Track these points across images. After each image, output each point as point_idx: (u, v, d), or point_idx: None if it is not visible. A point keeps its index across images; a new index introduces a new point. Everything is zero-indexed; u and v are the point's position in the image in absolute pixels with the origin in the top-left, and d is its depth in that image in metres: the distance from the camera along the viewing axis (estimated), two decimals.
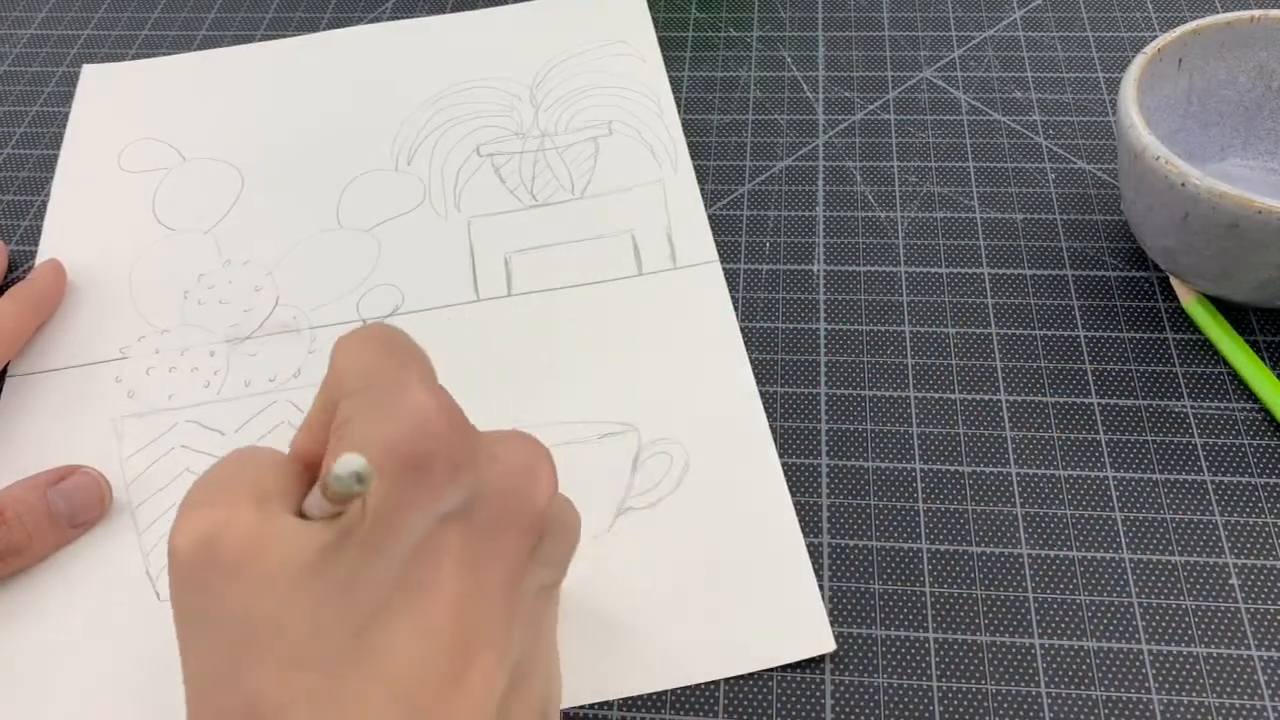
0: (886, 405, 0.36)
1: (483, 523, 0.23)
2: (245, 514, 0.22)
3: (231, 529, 0.22)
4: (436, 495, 0.22)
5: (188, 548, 0.22)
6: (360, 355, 0.25)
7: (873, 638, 0.31)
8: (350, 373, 0.24)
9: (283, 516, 0.22)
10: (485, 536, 0.23)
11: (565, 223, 0.42)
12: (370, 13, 0.53)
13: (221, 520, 0.22)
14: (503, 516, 0.24)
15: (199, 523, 0.22)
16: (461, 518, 0.23)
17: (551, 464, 0.25)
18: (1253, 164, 0.39)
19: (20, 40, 0.53)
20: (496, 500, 0.24)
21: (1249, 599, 0.31)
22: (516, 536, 0.24)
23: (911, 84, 0.47)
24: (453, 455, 0.23)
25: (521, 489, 0.24)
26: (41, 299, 0.40)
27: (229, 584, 0.21)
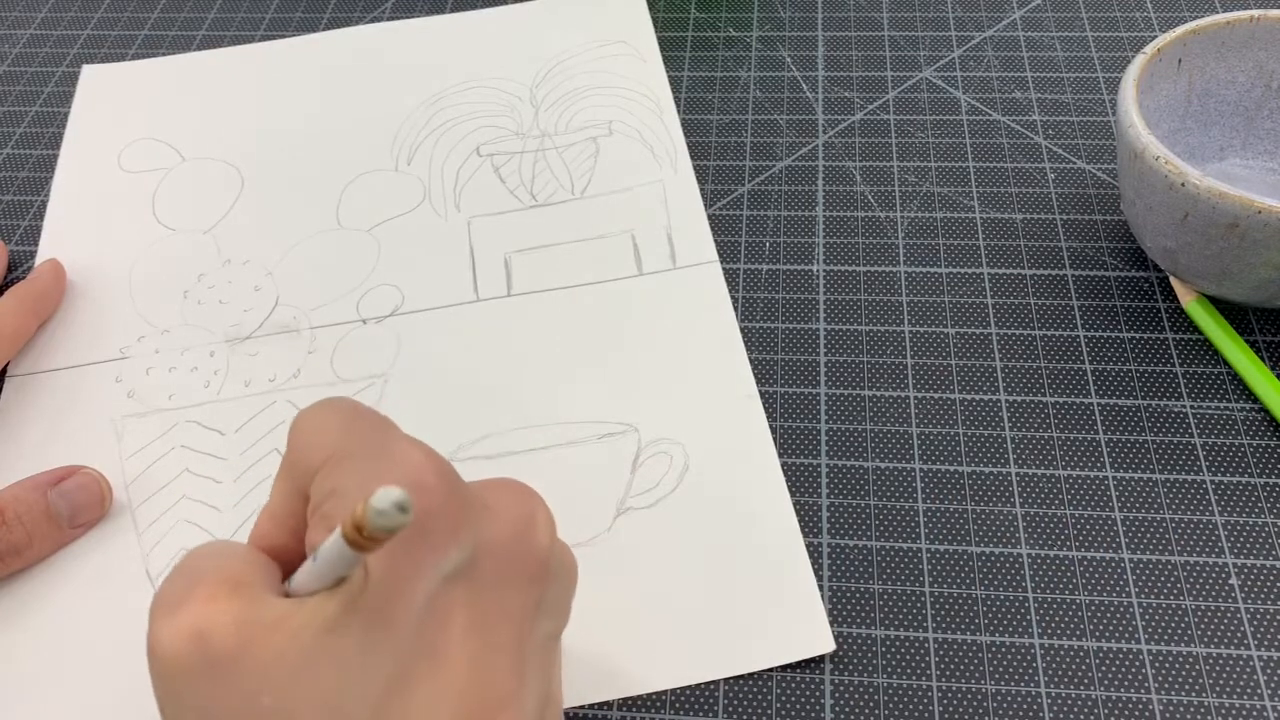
0: (886, 405, 0.36)
1: (487, 578, 0.22)
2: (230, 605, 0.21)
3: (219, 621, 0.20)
4: (439, 556, 0.21)
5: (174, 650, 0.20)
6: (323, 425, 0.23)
7: (872, 638, 0.31)
8: (315, 446, 0.23)
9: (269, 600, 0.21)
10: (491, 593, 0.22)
11: (565, 223, 0.42)
12: (370, 13, 0.53)
13: (204, 615, 0.20)
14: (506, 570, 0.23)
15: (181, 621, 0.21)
16: (465, 576, 0.22)
17: (547, 508, 0.24)
18: (1253, 164, 0.39)
19: (20, 40, 0.53)
20: (498, 553, 0.23)
21: (1249, 599, 0.31)
22: (522, 589, 0.23)
23: (911, 84, 0.47)
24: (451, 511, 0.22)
25: (522, 538, 0.23)
26: (41, 299, 0.40)
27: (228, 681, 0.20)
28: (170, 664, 0.21)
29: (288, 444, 0.24)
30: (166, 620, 0.21)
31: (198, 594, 0.21)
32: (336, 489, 0.22)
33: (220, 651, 0.20)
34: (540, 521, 0.24)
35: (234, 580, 0.22)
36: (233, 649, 0.20)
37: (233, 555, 0.23)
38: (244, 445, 0.36)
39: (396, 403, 0.37)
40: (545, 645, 0.24)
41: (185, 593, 0.21)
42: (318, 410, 0.24)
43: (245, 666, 0.20)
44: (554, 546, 0.24)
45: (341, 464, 0.22)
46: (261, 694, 0.20)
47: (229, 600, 0.21)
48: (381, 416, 0.24)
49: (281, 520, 0.24)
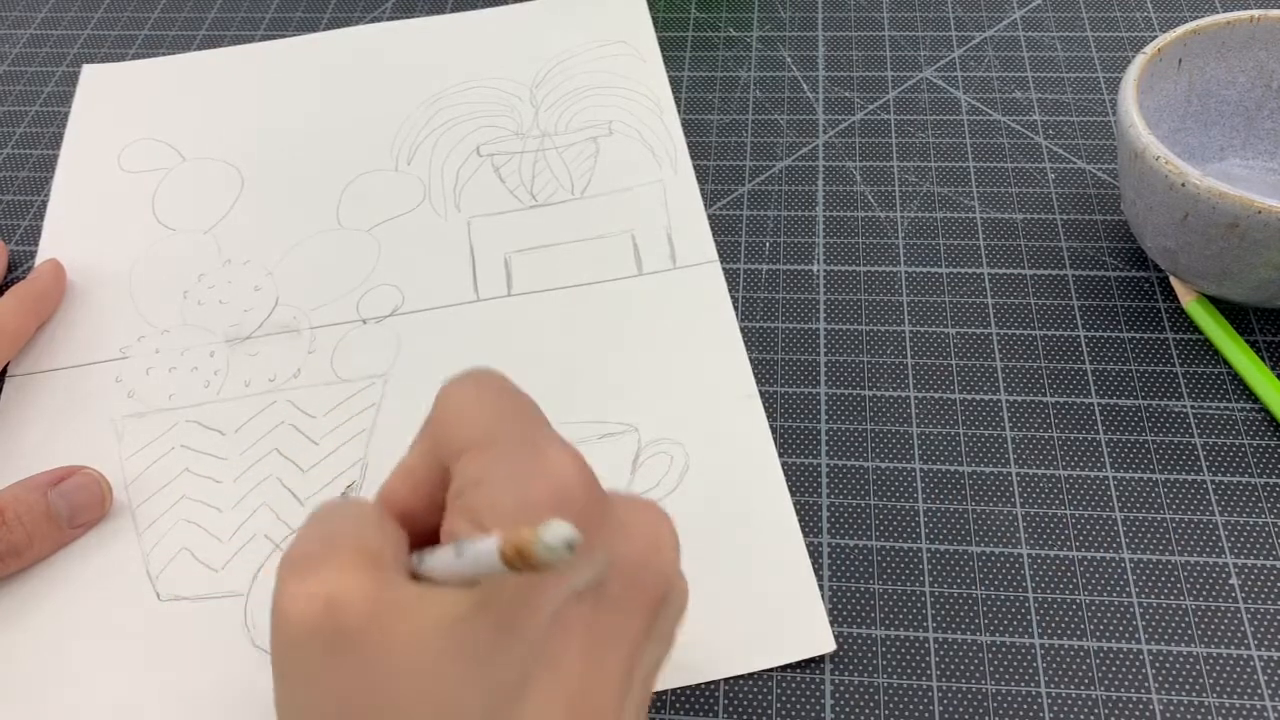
0: (886, 405, 0.36)
1: (611, 598, 0.22)
2: (365, 578, 0.20)
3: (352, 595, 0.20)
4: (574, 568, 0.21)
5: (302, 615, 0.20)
6: (477, 406, 0.23)
7: (873, 638, 0.31)
8: (465, 425, 0.23)
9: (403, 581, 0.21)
10: (613, 613, 0.22)
11: (565, 223, 0.42)
12: (370, 13, 0.53)
13: (338, 585, 0.20)
14: (631, 592, 0.22)
15: (312, 586, 0.20)
16: (592, 592, 0.22)
17: (675, 534, 0.24)
18: (1253, 164, 0.39)
19: (20, 40, 0.53)
20: (626, 574, 0.22)
21: (1249, 599, 0.31)
22: (641, 614, 0.22)
23: (911, 84, 0.47)
24: (590, 525, 0.21)
25: (650, 563, 0.23)
26: (41, 299, 0.40)
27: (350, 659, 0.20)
28: (297, 627, 0.20)
29: (434, 410, 0.24)
30: (299, 582, 0.21)
31: (334, 561, 0.21)
32: (483, 480, 0.21)
33: (350, 624, 0.20)
34: (669, 548, 0.23)
35: (372, 553, 0.21)
36: (363, 624, 0.20)
37: (369, 521, 0.22)
38: (244, 445, 0.36)
39: (396, 403, 0.37)
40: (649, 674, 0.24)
41: (321, 557, 0.21)
42: (470, 384, 0.24)
43: (371, 644, 0.20)
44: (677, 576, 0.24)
45: (490, 454, 0.22)
46: (381, 676, 0.20)
47: (365, 574, 0.20)
48: (532, 405, 0.24)
49: (416, 485, 0.24)
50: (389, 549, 0.22)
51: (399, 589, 0.21)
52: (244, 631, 0.32)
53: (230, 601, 0.32)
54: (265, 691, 0.30)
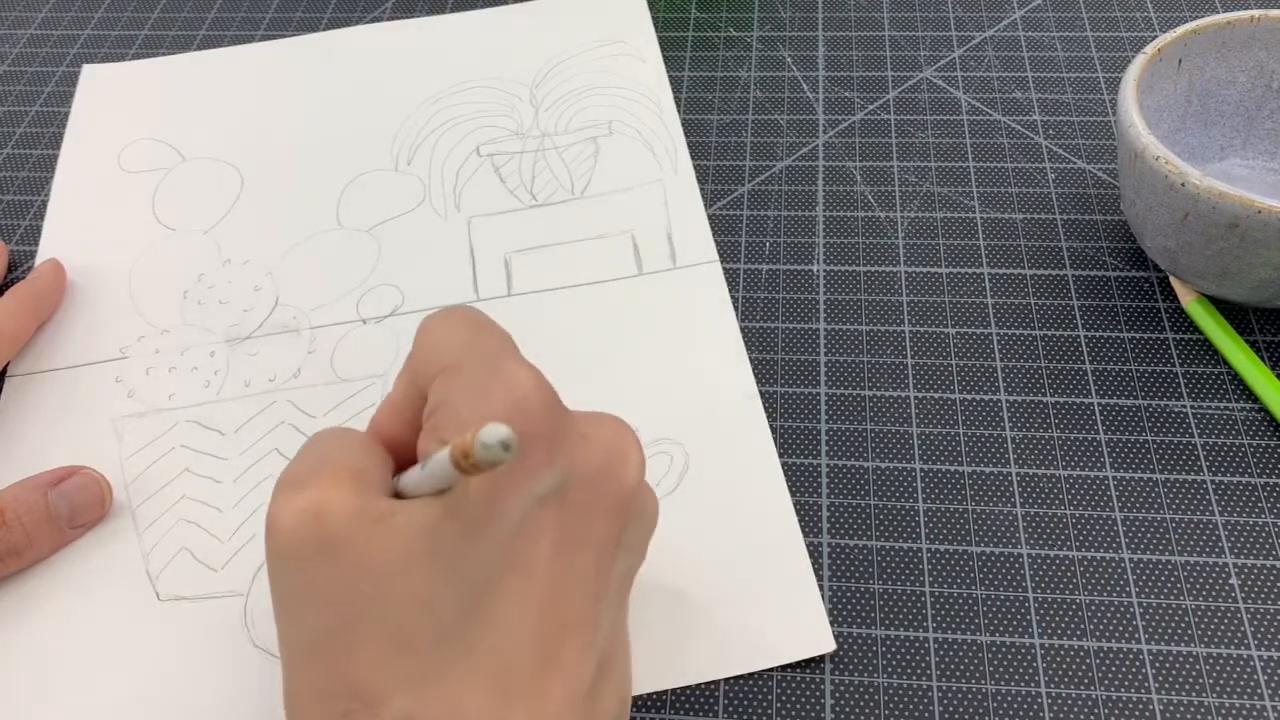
0: (886, 405, 0.36)
1: (577, 504, 0.23)
2: (348, 492, 0.22)
3: (336, 507, 0.22)
4: (535, 477, 0.22)
5: (291, 525, 0.22)
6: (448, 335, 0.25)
7: (873, 638, 0.31)
8: (439, 352, 0.24)
9: (380, 497, 0.23)
10: (579, 518, 0.24)
11: (565, 223, 0.42)
12: (370, 13, 0.53)
13: (324, 499, 0.22)
14: (595, 499, 0.24)
15: (302, 501, 0.22)
16: (557, 499, 0.23)
17: (639, 447, 0.25)
18: (1253, 164, 0.39)
19: (20, 40, 0.53)
20: (589, 482, 0.24)
21: (1249, 599, 0.31)
22: (608, 519, 0.24)
23: (911, 84, 0.47)
24: (550, 436, 0.23)
25: (613, 471, 0.24)
26: (41, 299, 0.40)
27: (334, 562, 0.22)
28: (287, 536, 0.22)
29: (414, 343, 0.25)
30: (290, 496, 0.22)
31: (322, 476, 0.23)
32: (448, 400, 0.23)
33: (332, 533, 0.22)
34: (632, 458, 0.25)
35: (356, 470, 0.23)
36: (343, 533, 0.22)
37: (356, 445, 0.24)
38: (244, 445, 0.36)
39: None
40: (623, 579, 0.25)
41: (310, 474, 0.23)
42: (446, 316, 0.25)
43: (352, 551, 0.22)
44: (641, 486, 0.25)
45: (457, 375, 0.23)
46: (361, 580, 0.22)
47: (348, 488, 0.22)
48: (502, 333, 0.25)
49: (399, 413, 0.25)
50: (373, 469, 0.24)
51: (378, 502, 0.22)
52: (244, 631, 0.32)
53: (230, 601, 0.32)
54: (266, 690, 0.30)
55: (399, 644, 0.22)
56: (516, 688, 0.22)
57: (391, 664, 0.22)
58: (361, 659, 0.22)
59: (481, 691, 0.22)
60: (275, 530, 0.23)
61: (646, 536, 0.27)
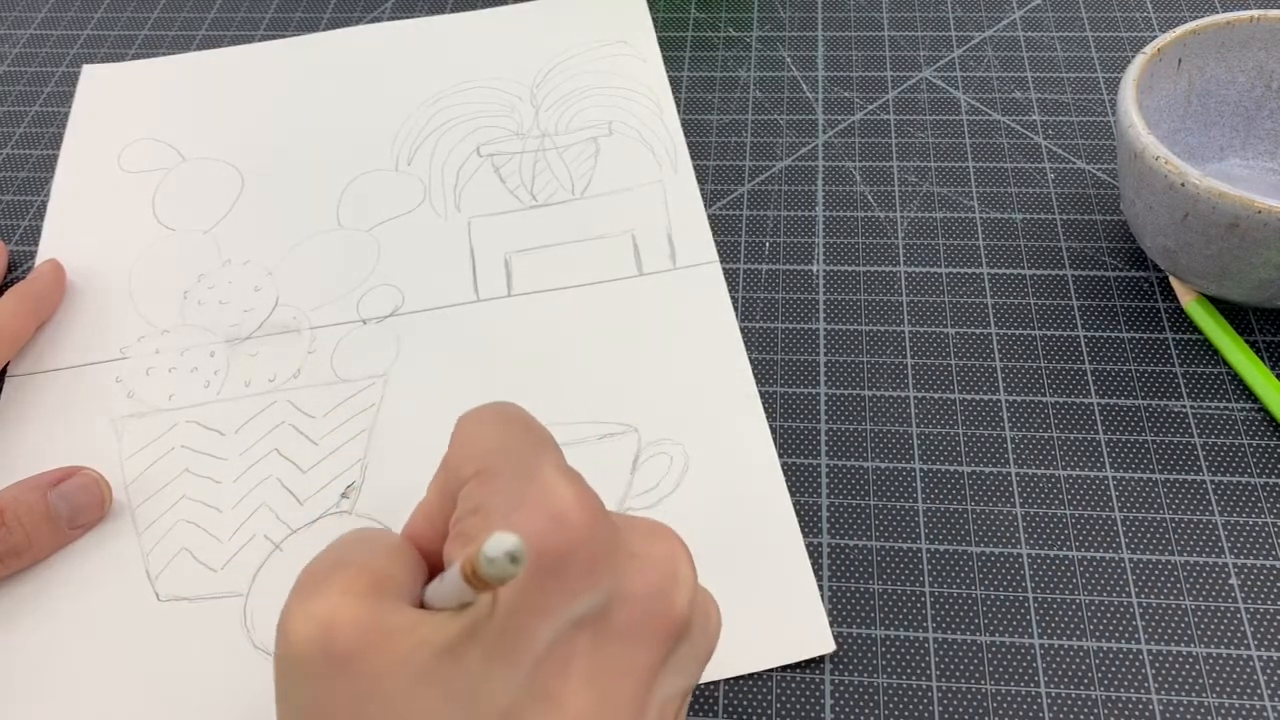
0: (886, 405, 0.36)
1: (617, 629, 0.21)
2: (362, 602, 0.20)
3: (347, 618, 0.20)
4: (571, 598, 0.20)
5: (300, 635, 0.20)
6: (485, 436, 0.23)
7: (872, 638, 0.31)
8: (471, 454, 0.23)
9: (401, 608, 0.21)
10: (619, 644, 0.21)
11: (565, 223, 0.42)
12: (370, 13, 0.53)
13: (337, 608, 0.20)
14: (640, 623, 0.22)
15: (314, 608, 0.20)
16: (595, 622, 0.21)
17: (691, 561, 0.23)
18: (1253, 164, 0.39)
19: (20, 40, 0.53)
20: (634, 604, 0.22)
21: (1249, 599, 0.31)
22: (652, 645, 0.22)
23: (911, 84, 0.47)
24: (591, 553, 0.21)
25: (661, 593, 0.22)
26: (41, 299, 0.40)
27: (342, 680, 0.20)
28: (293, 647, 0.21)
29: (450, 445, 0.24)
30: (301, 603, 0.21)
31: (338, 583, 0.21)
32: (480, 507, 0.22)
33: (342, 647, 0.20)
34: (684, 575, 0.23)
35: (375, 576, 0.21)
36: (352, 649, 0.20)
37: (381, 547, 0.23)
38: (244, 445, 0.36)
39: (396, 403, 0.37)
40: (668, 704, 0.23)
41: (326, 578, 0.21)
42: (481, 415, 0.24)
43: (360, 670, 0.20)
44: (694, 603, 0.23)
45: (489, 481, 0.22)
46: (369, 702, 0.20)
47: (362, 598, 0.21)
48: (542, 433, 0.24)
49: (433, 519, 0.24)
50: (399, 575, 0.22)
51: (394, 616, 0.20)
52: (244, 631, 0.32)
53: (230, 601, 0.32)
54: (265, 691, 0.30)
55: None
56: None
57: None
58: None
59: None
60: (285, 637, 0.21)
61: (705, 654, 0.24)
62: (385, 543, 0.23)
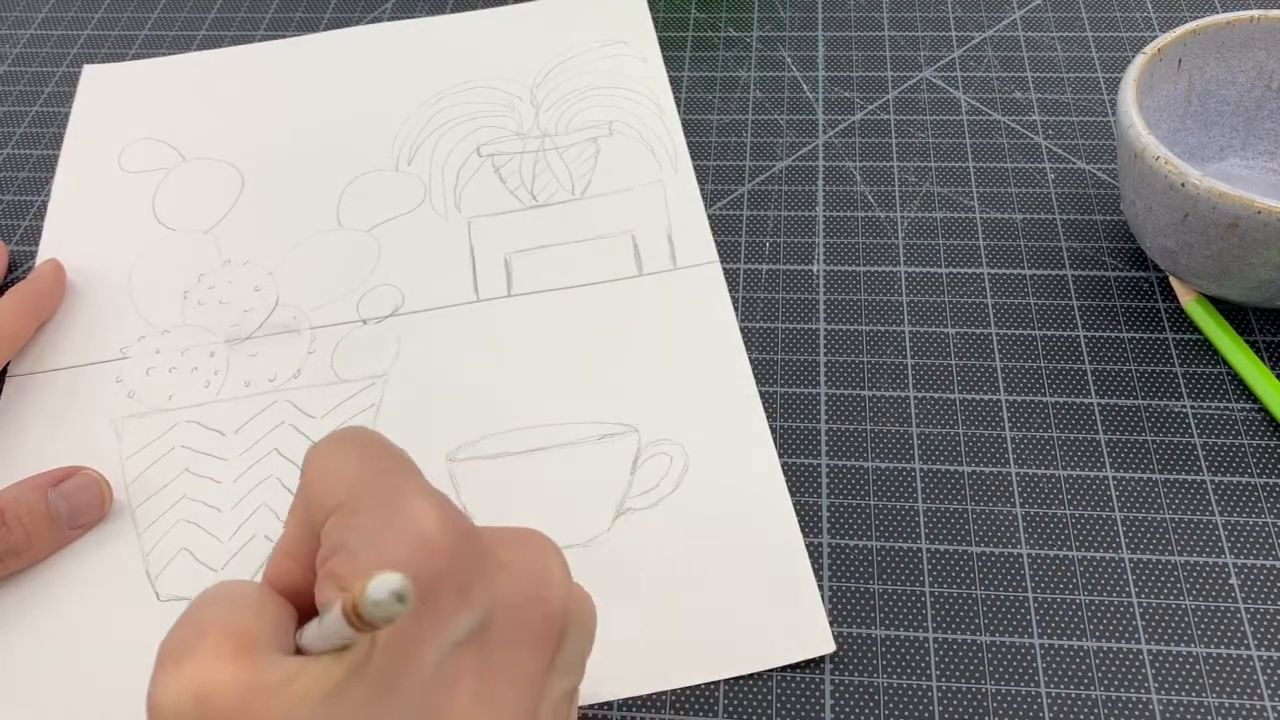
0: (886, 405, 0.36)
1: (497, 640, 0.21)
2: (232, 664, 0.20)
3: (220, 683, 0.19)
4: (449, 621, 0.20)
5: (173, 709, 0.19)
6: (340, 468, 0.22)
7: (872, 638, 0.31)
8: (328, 488, 0.22)
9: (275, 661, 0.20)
10: (502, 654, 0.21)
11: (565, 223, 0.42)
12: (370, 13, 0.53)
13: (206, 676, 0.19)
14: (518, 630, 0.22)
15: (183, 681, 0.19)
16: (476, 638, 0.21)
17: (562, 560, 0.23)
18: (1253, 164, 0.39)
19: (20, 40, 0.53)
20: (511, 613, 0.22)
21: (1249, 599, 0.31)
22: (534, 649, 0.22)
23: (911, 84, 0.47)
24: (462, 574, 0.21)
25: (535, 597, 0.22)
26: (41, 299, 0.40)
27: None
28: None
29: (301, 479, 0.23)
30: (170, 674, 0.20)
31: (203, 649, 0.20)
32: (344, 544, 0.21)
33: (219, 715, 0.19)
34: (554, 575, 0.23)
35: (241, 636, 0.20)
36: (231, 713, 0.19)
37: (244, 604, 0.22)
38: (244, 445, 0.36)
39: (396, 403, 0.37)
40: (559, 704, 0.23)
41: (191, 645, 0.20)
42: (332, 446, 0.23)
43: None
44: (569, 600, 0.23)
45: (350, 517, 0.21)
46: None
47: (233, 660, 0.20)
48: (399, 457, 0.23)
49: (297, 556, 0.23)
50: (265, 629, 0.21)
51: (269, 671, 0.20)
52: None
53: None
54: None
55: None
56: None
57: None
58: None
59: None
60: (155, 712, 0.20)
61: (585, 650, 0.24)
62: (244, 596, 0.22)
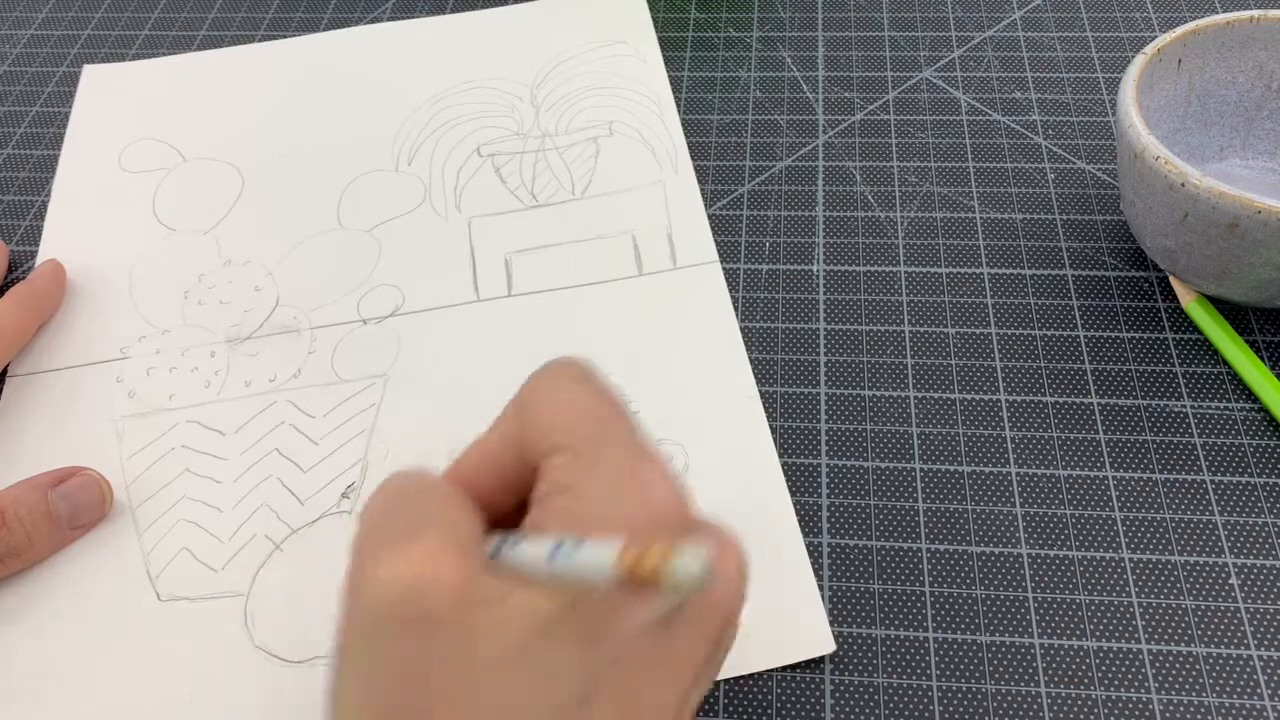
0: (886, 405, 0.36)
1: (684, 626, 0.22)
2: (457, 565, 0.20)
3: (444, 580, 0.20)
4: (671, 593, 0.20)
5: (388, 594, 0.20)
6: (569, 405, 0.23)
7: (873, 638, 0.31)
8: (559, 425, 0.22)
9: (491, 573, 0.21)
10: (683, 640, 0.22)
11: (565, 223, 0.42)
12: (370, 13, 0.53)
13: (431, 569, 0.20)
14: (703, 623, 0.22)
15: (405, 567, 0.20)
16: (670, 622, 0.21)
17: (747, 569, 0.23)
18: (1253, 164, 0.39)
19: (20, 40, 0.53)
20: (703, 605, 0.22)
21: (1249, 599, 0.31)
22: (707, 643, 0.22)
23: (911, 84, 0.47)
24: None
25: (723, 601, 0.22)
26: (41, 299, 0.40)
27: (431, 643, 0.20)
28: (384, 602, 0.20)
29: (523, 398, 0.23)
30: (389, 558, 0.20)
31: (427, 540, 0.20)
32: (577, 488, 0.21)
33: (435, 611, 0.20)
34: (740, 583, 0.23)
35: (463, 539, 0.21)
36: (449, 611, 0.20)
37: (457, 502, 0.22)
38: (244, 445, 0.36)
39: (396, 403, 0.37)
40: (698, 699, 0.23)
41: (412, 536, 0.21)
42: (565, 379, 0.23)
43: (450, 637, 0.20)
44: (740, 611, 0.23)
45: (585, 465, 0.22)
46: (456, 668, 0.20)
47: (455, 558, 0.20)
48: (625, 408, 0.23)
49: (493, 466, 0.23)
50: (478, 532, 0.22)
51: (486, 582, 0.20)
52: (244, 631, 0.32)
53: (230, 601, 0.32)
54: (265, 691, 0.30)
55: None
56: None
57: None
58: None
59: None
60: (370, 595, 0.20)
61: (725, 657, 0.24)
62: (455, 495, 0.22)
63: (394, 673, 0.20)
